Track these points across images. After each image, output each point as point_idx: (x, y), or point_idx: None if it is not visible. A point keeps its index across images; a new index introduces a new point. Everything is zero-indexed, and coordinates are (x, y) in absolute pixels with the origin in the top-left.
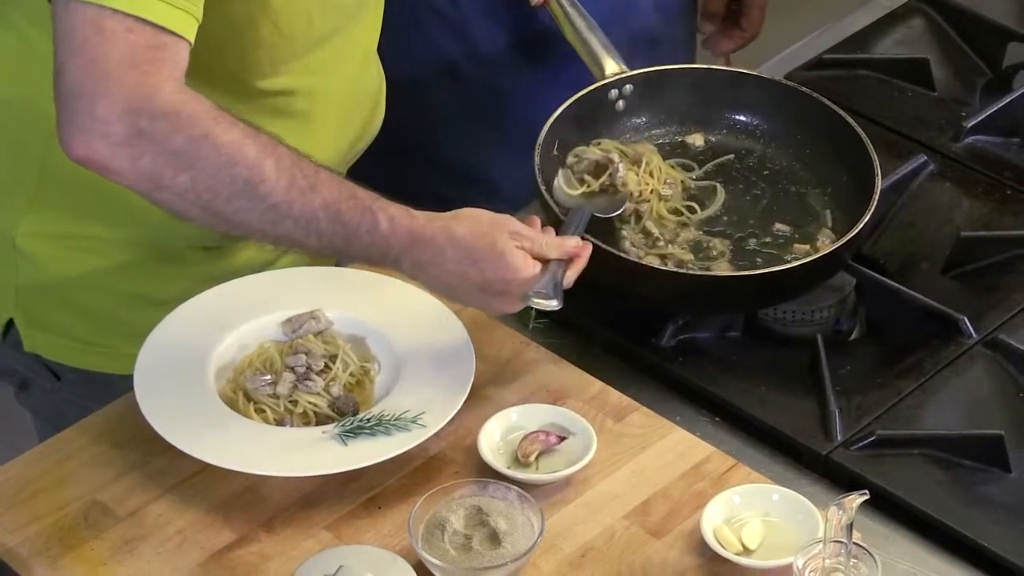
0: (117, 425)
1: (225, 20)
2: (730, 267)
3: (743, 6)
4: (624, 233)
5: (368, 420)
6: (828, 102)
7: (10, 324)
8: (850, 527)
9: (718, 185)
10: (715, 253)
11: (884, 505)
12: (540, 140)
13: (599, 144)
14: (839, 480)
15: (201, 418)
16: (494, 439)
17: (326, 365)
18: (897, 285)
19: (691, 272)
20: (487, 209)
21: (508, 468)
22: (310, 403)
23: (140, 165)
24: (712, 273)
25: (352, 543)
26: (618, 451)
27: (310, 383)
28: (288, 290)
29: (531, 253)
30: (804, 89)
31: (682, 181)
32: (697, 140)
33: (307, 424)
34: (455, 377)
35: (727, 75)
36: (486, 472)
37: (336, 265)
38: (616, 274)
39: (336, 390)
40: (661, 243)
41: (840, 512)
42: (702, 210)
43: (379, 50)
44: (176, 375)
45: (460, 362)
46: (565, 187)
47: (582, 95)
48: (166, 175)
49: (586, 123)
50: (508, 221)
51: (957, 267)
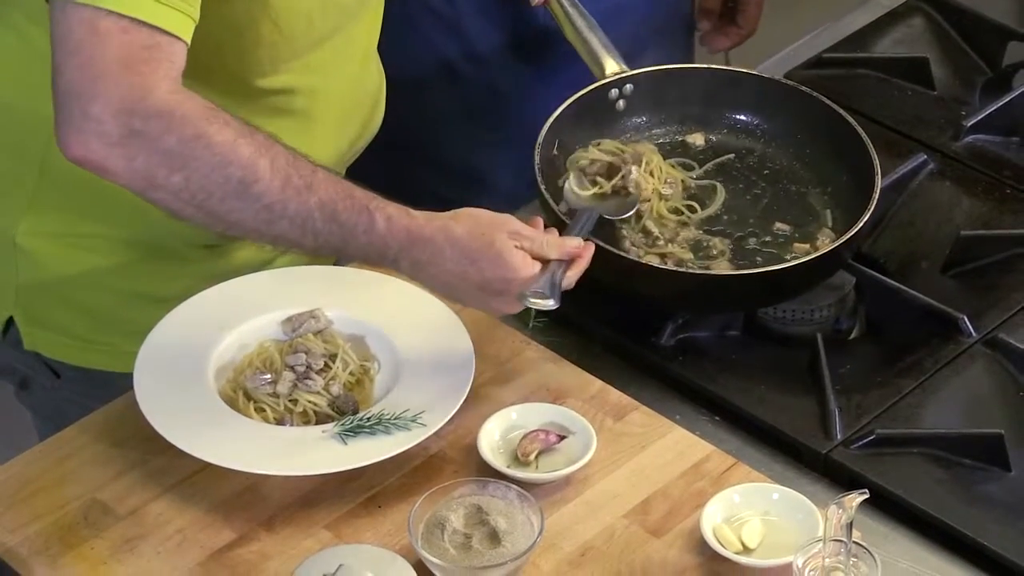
0: (117, 424)
1: (225, 20)
2: (730, 266)
3: (739, 3)
4: (624, 232)
5: (368, 419)
6: (828, 101)
7: (10, 322)
8: (850, 526)
9: (718, 184)
10: (715, 252)
11: (884, 504)
12: (540, 139)
13: (599, 144)
14: (839, 479)
15: (201, 417)
16: (494, 438)
17: (326, 364)
18: (897, 284)
19: (691, 271)
20: (487, 208)
21: (508, 467)
22: (310, 402)
23: (134, 165)
24: (712, 272)
25: (352, 542)
26: (618, 450)
27: (310, 382)
28: (288, 289)
29: (531, 253)
30: (804, 88)
31: (682, 180)
32: (697, 140)
33: (307, 423)
34: (455, 376)
35: (727, 75)
36: (486, 471)
37: (336, 264)
38: (616, 273)
39: (336, 389)
40: (661, 242)
41: (840, 511)
42: (702, 209)
43: (377, 49)
44: (176, 374)
45: (460, 361)
46: (576, 189)
47: (582, 94)
48: (160, 175)
49: (586, 123)
50: (508, 221)
51: (957, 266)
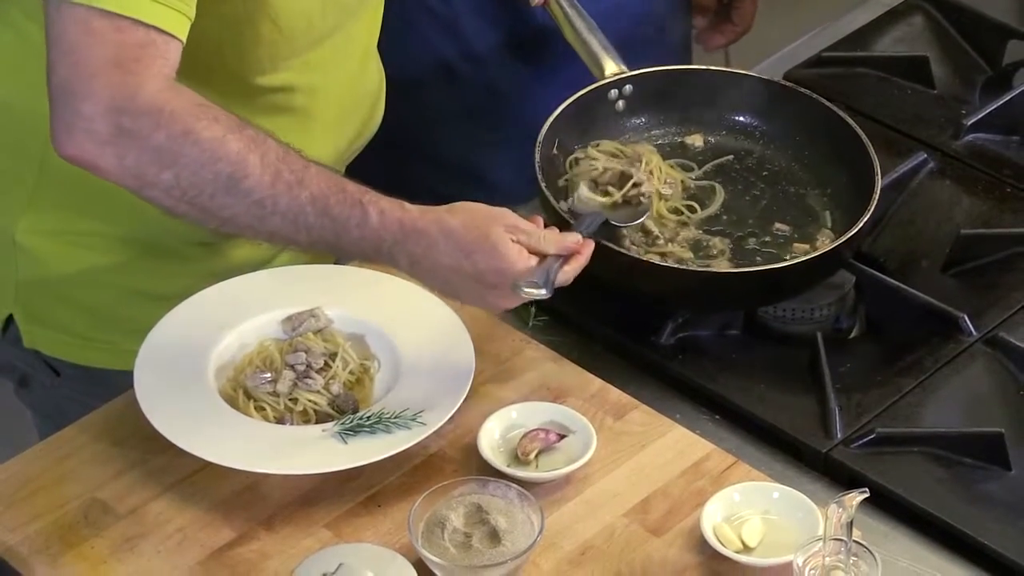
0: (117, 423)
1: (224, 18)
2: (730, 265)
3: (734, 1)
4: (624, 231)
5: (368, 418)
6: (828, 103)
7: (10, 320)
8: (850, 525)
9: (717, 185)
10: (715, 252)
11: (884, 503)
12: (540, 138)
13: (598, 145)
14: (839, 478)
15: (201, 416)
16: (494, 437)
17: (326, 363)
18: (897, 283)
19: (692, 268)
20: (502, 207)
21: (508, 466)
22: (310, 401)
23: (125, 163)
24: (713, 269)
25: (352, 541)
26: (618, 449)
27: (310, 381)
28: (288, 288)
29: (527, 247)
30: (804, 90)
31: (682, 181)
32: (696, 141)
33: (307, 422)
34: (455, 375)
35: (727, 76)
36: (486, 470)
37: (336, 263)
38: (618, 271)
39: (336, 388)
40: (661, 241)
41: (840, 510)
42: (702, 210)
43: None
44: (176, 373)
45: (460, 360)
46: (587, 196)
47: (582, 95)
48: (150, 172)
49: (586, 123)
50: (504, 214)
51: (957, 265)
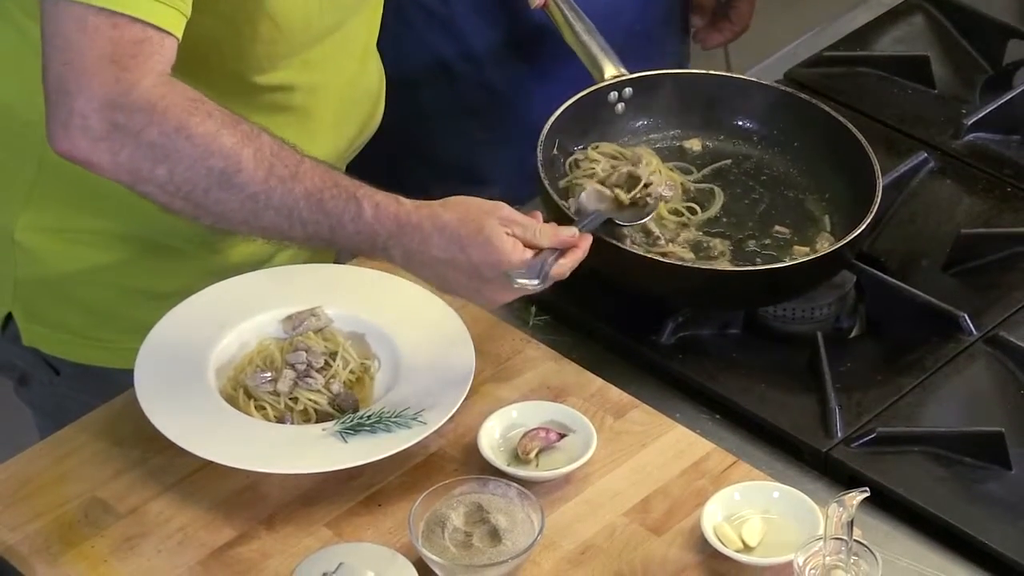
0: (117, 422)
1: (222, 15)
2: (730, 266)
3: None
4: (625, 231)
5: (368, 417)
6: (828, 108)
7: (9, 318)
8: (851, 524)
9: (716, 188)
10: (715, 253)
11: (885, 502)
12: (542, 137)
13: (597, 147)
14: (839, 477)
15: (201, 415)
16: (494, 436)
17: (326, 362)
18: (897, 282)
19: (696, 266)
20: (498, 201)
21: (508, 465)
22: (310, 400)
23: (119, 159)
24: (716, 267)
25: (352, 540)
26: (618, 448)
27: (310, 380)
28: (288, 287)
29: (522, 240)
30: (803, 96)
31: (681, 183)
32: (695, 145)
33: (307, 421)
34: (455, 374)
35: (726, 80)
36: (486, 469)
37: (336, 262)
38: (621, 269)
39: (336, 387)
40: (662, 242)
41: (840, 509)
42: (702, 212)
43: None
44: (176, 372)
45: (460, 359)
46: (595, 198)
47: (581, 96)
48: (144, 168)
49: (585, 125)
50: (499, 207)
51: (957, 264)
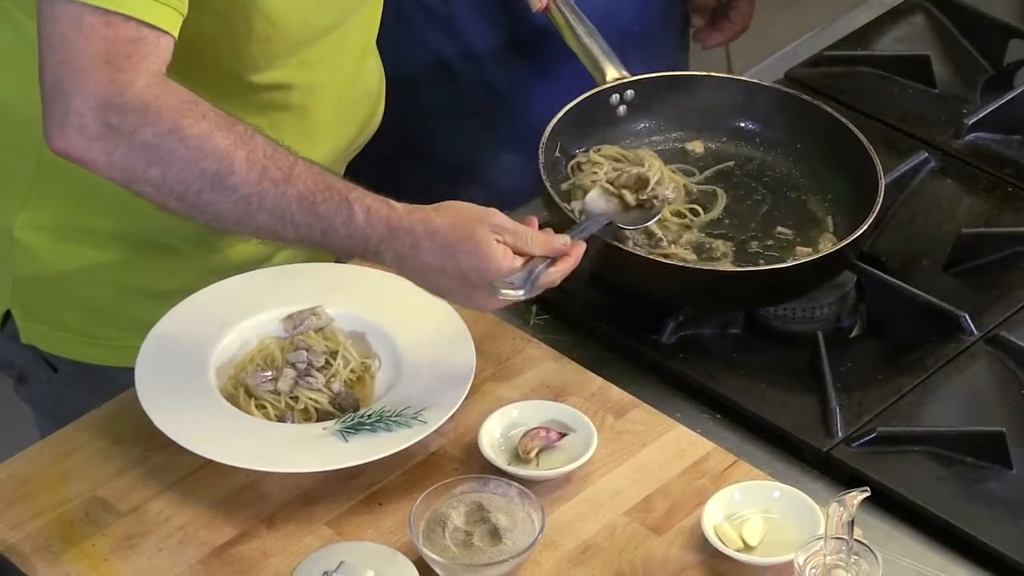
0: (118, 421)
1: (218, 13)
2: (733, 267)
3: None
4: (628, 233)
5: (369, 416)
6: (830, 110)
7: (8, 316)
8: (851, 524)
9: (719, 190)
10: (718, 254)
11: (885, 502)
12: (544, 140)
13: (599, 150)
14: (840, 477)
15: (202, 414)
16: (495, 435)
17: (327, 361)
18: (898, 282)
19: (698, 267)
20: (490, 207)
21: (509, 464)
22: (311, 399)
23: (113, 159)
24: (719, 268)
25: (353, 539)
26: (619, 448)
27: (311, 379)
28: (289, 286)
29: (513, 248)
30: (805, 96)
31: (684, 185)
32: (697, 147)
33: (308, 420)
34: (456, 373)
35: (728, 82)
36: (487, 468)
37: (337, 261)
38: (623, 270)
39: (337, 386)
40: (664, 243)
41: (841, 509)
42: (704, 214)
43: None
44: (177, 371)
45: (461, 358)
46: (601, 199)
47: (583, 99)
48: (138, 168)
49: (587, 127)
50: (491, 214)
51: (958, 264)
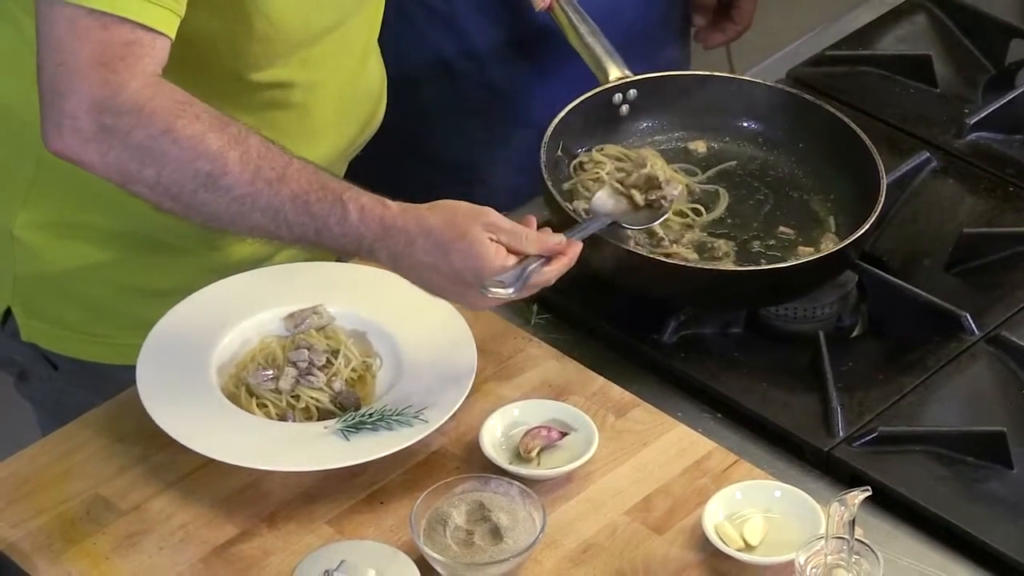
0: (119, 420)
1: (217, 13)
2: (735, 267)
3: None
4: (629, 232)
5: (370, 415)
6: (832, 110)
7: (8, 313)
8: (852, 523)
9: (721, 189)
10: (720, 254)
11: (886, 502)
12: (546, 139)
13: (602, 149)
14: (841, 477)
15: (203, 413)
16: (496, 435)
17: (328, 360)
18: (899, 282)
19: (700, 266)
20: (485, 206)
21: (510, 464)
22: (312, 398)
23: (108, 159)
24: (721, 268)
25: (354, 538)
26: (620, 447)
27: (312, 378)
28: (290, 285)
29: (507, 246)
30: (808, 96)
31: (686, 185)
32: (700, 147)
33: (309, 419)
34: (457, 373)
35: (730, 82)
36: (488, 468)
37: (337, 260)
38: (625, 269)
39: (338, 385)
40: (666, 243)
41: (842, 508)
42: (706, 213)
43: None
44: (178, 370)
45: (462, 357)
46: (610, 199)
47: (586, 98)
48: (133, 168)
49: (590, 126)
50: (485, 213)
51: (959, 264)
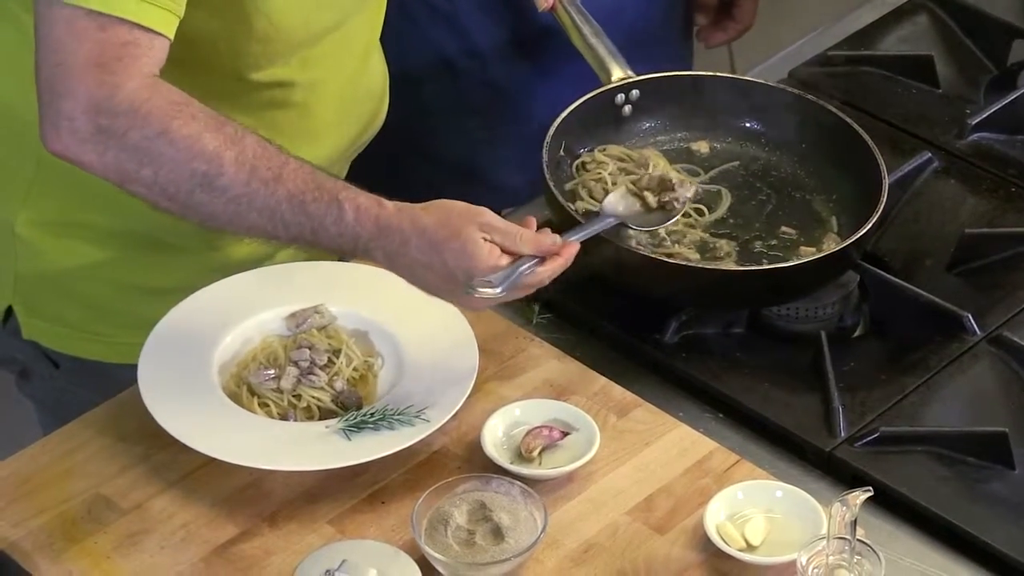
0: (121, 419)
1: (217, 12)
2: (736, 267)
3: None
4: (631, 232)
5: (371, 415)
6: (835, 110)
7: (9, 311)
8: (854, 524)
9: (723, 189)
10: (721, 254)
11: (888, 502)
12: (548, 139)
13: (604, 150)
14: (842, 477)
15: (205, 412)
16: (497, 434)
17: (329, 360)
18: (901, 282)
19: (701, 266)
20: (486, 205)
21: (511, 463)
22: (314, 398)
23: (106, 160)
24: (722, 268)
25: (355, 538)
26: (621, 447)
27: (314, 377)
28: (292, 285)
29: (501, 247)
30: (810, 97)
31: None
32: (702, 147)
33: (310, 419)
34: (458, 372)
35: (733, 82)
36: (489, 467)
37: (339, 259)
38: (627, 269)
39: (339, 385)
40: (667, 243)
41: (844, 509)
42: (709, 214)
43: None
44: (180, 369)
45: (463, 357)
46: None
47: (588, 98)
48: (130, 169)
49: (592, 127)
50: (480, 213)
51: (961, 264)
